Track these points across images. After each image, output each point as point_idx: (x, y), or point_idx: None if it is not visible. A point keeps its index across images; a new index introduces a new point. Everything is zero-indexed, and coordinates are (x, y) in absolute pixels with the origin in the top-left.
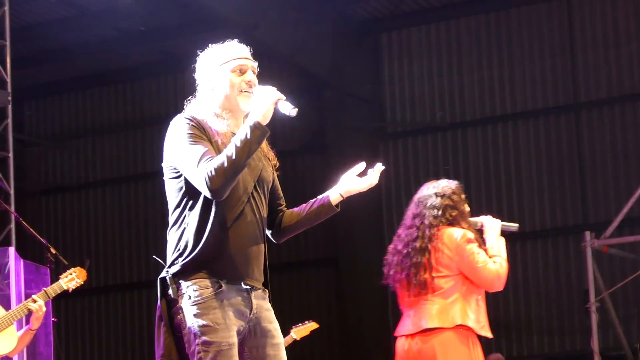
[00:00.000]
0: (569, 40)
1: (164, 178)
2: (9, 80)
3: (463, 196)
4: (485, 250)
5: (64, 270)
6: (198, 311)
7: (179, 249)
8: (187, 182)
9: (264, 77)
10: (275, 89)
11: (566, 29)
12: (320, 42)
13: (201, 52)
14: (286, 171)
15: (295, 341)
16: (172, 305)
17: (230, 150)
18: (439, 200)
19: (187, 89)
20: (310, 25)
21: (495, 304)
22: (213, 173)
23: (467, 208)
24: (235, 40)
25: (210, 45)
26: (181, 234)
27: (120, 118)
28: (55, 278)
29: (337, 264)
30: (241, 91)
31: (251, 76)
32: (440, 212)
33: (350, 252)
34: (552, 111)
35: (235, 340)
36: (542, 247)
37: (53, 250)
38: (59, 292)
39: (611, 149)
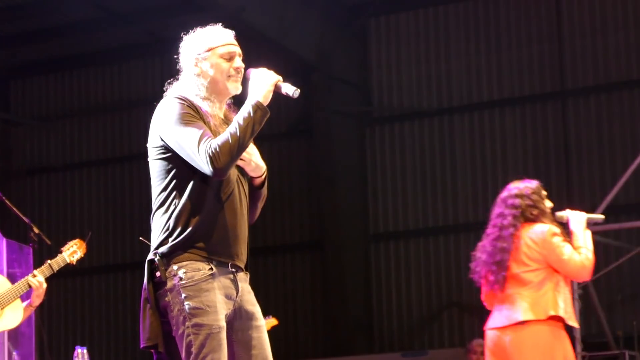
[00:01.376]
0: (556, 28)
1: (150, 159)
2: None
3: (544, 194)
4: (571, 243)
5: (47, 249)
6: (189, 293)
7: (167, 230)
8: (177, 163)
9: (250, 59)
10: (272, 72)
11: (554, 16)
12: (308, 25)
13: (186, 35)
14: (272, 155)
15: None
16: (159, 288)
17: (233, 129)
18: (518, 200)
19: (173, 71)
20: (298, 8)
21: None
22: (218, 151)
23: (548, 205)
24: (220, 25)
25: (195, 28)
26: (170, 215)
27: (107, 99)
28: (38, 257)
29: (322, 248)
30: (229, 77)
31: (239, 62)
32: (519, 212)
33: (335, 237)
34: (538, 98)
35: (224, 323)
36: None
37: (36, 230)
38: (63, 265)
39: (597, 136)
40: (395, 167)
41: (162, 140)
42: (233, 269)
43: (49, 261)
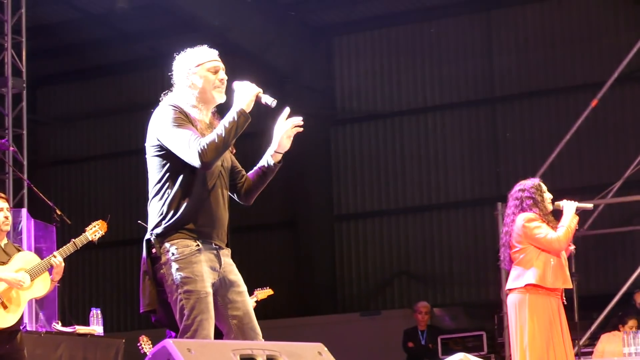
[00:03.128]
0: (487, 46)
1: (147, 156)
2: (24, 70)
3: (544, 189)
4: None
5: (68, 228)
6: (180, 265)
7: (161, 214)
8: (171, 159)
9: (235, 72)
10: (254, 84)
11: (485, 36)
12: (283, 43)
13: (177, 54)
14: (249, 151)
15: (256, 301)
16: (156, 262)
17: (220, 131)
18: (519, 193)
19: (171, 80)
20: (274, 28)
21: (423, 262)
22: (206, 148)
23: (547, 197)
24: (206, 45)
25: (187, 46)
26: (164, 202)
27: (117, 104)
28: (60, 235)
29: (295, 227)
30: (215, 87)
31: (223, 75)
32: (519, 202)
33: (306, 217)
34: (473, 104)
35: (210, 290)
36: (462, 215)
37: (58, 212)
38: (85, 242)
39: (521, 135)
40: (355, 160)
41: (159, 140)
42: (216, 246)
43: (73, 240)
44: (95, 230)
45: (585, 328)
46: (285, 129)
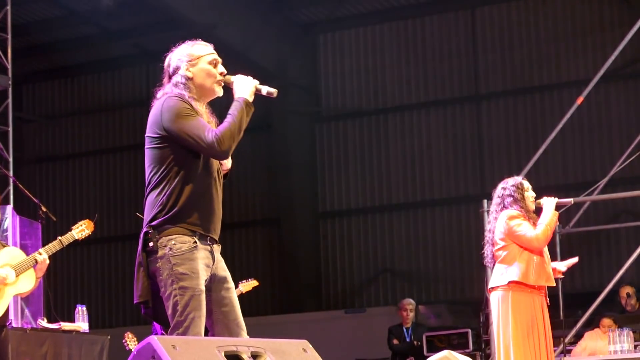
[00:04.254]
0: (472, 43)
1: (148, 147)
2: (9, 67)
3: (526, 187)
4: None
5: (53, 225)
6: (178, 261)
7: (161, 207)
8: (172, 152)
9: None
10: (250, 77)
11: (470, 34)
12: (268, 41)
13: (173, 47)
14: (238, 147)
15: (241, 293)
16: (150, 255)
17: (232, 120)
18: (502, 192)
19: (157, 78)
20: (260, 26)
21: (408, 259)
22: (222, 137)
23: (530, 195)
24: (201, 40)
25: (174, 43)
26: (162, 195)
27: (101, 101)
28: (45, 231)
29: (279, 224)
30: (216, 80)
31: (222, 68)
32: (500, 200)
33: (290, 214)
34: (457, 101)
35: (204, 288)
36: (447, 212)
37: (44, 209)
38: (71, 240)
39: (505, 132)
40: (339, 157)
41: (166, 131)
42: (210, 242)
43: (59, 237)
44: (81, 230)
45: (571, 326)
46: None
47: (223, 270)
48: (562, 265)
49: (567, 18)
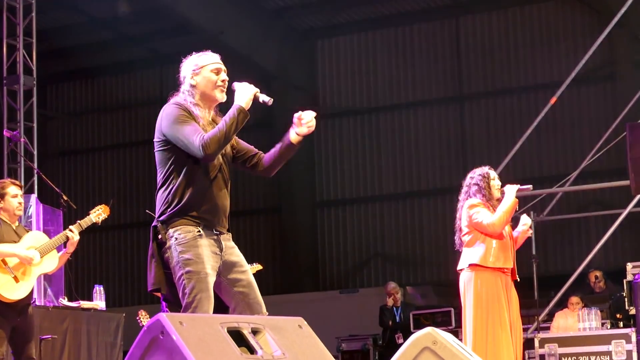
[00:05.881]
0: (456, 49)
1: (155, 150)
2: (34, 69)
3: (492, 176)
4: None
5: (74, 212)
6: (183, 249)
7: (167, 203)
8: (175, 153)
9: (228, 72)
10: (252, 85)
11: (454, 41)
12: (271, 46)
13: (183, 56)
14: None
15: None
16: (162, 246)
17: (221, 126)
18: (469, 181)
19: (170, 79)
20: (263, 32)
21: (397, 244)
22: (209, 141)
23: (496, 184)
24: (209, 50)
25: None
26: (169, 192)
27: (119, 100)
28: (66, 218)
29: (280, 212)
30: (217, 87)
31: (224, 76)
32: (467, 189)
33: (290, 203)
34: (443, 101)
35: (210, 272)
36: (432, 202)
37: (65, 198)
38: (89, 224)
39: (486, 129)
40: (335, 151)
41: (165, 136)
42: (217, 232)
43: (79, 221)
44: (99, 214)
45: (544, 305)
46: (307, 119)
47: (235, 255)
48: (520, 227)
49: (542, 26)
